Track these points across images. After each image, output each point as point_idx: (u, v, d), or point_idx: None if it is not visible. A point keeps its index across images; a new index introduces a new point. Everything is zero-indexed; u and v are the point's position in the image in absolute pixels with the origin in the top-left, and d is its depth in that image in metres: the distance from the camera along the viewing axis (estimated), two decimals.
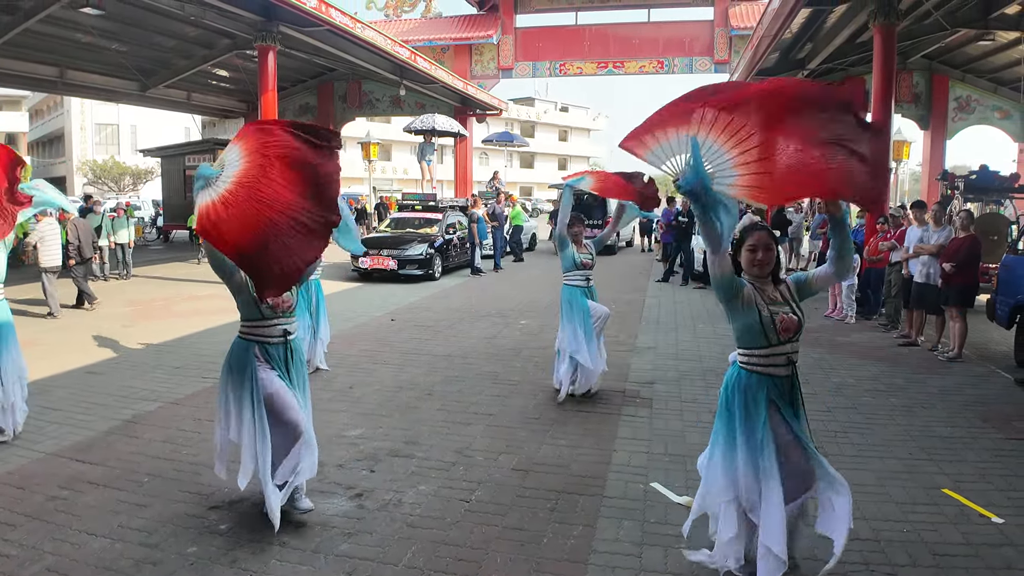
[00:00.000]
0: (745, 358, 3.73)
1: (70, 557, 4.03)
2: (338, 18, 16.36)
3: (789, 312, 3.65)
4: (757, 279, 3.71)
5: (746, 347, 3.72)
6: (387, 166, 60.18)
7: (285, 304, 4.41)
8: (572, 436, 6.14)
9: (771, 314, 3.61)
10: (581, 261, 7.19)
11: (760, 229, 3.75)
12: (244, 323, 4.44)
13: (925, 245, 9.55)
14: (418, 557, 4.08)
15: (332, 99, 29.13)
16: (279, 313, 4.41)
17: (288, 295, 4.40)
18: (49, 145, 60.37)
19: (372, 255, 16.31)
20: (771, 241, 3.72)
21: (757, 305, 3.63)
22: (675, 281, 16.63)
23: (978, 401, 7.27)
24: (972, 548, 4.21)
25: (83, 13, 15.49)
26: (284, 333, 4.45)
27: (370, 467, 5.39)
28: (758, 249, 3.69)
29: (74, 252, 12.45)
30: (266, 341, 4.41)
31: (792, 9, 14.36)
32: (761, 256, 3.68)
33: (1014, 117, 23.77)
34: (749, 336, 3.68)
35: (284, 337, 4.45)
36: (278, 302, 4.35)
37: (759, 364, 3.68)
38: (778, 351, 3.64)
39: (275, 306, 4.36)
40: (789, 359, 3.67)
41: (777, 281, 3.76)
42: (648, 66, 29.73)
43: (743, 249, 3.74)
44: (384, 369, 8.41)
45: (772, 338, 3.61)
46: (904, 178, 29.59)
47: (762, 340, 3.64)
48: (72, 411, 6.69)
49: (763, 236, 3.71)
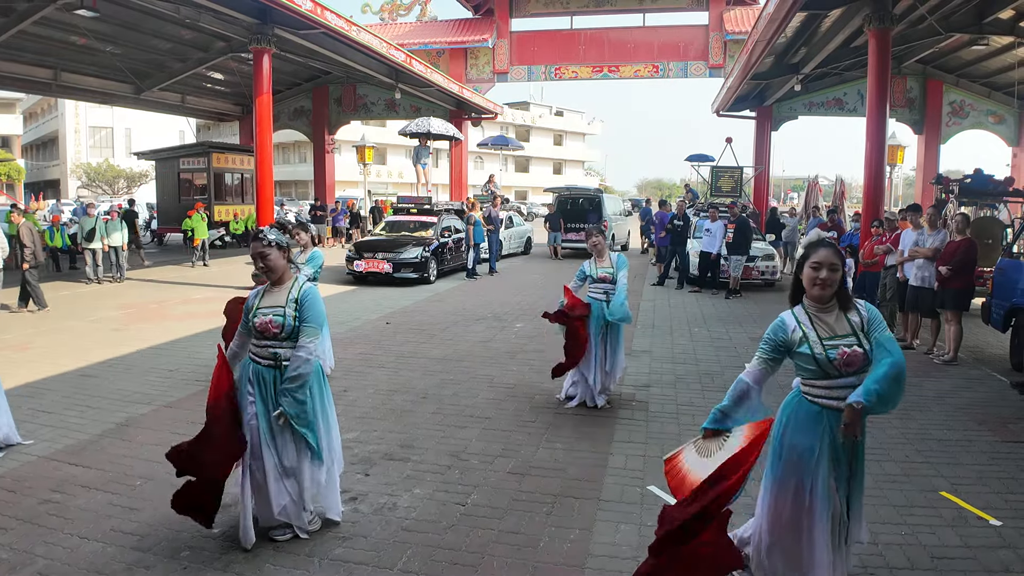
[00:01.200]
0: (807, 388, 3.46)
1: (62, 561, 3.99)
2: (333, 21, 16.35)
3: (854, 344, 3.31)
4: (817, 302, 3.41)
5: (806, 379, 3.45)
6: (382, 170, 60.20)
7: (272, 328, 4.12)
8: (568, 439, 6.12)
9: (825, 351, 3.30)
10: (599, 276, 7.05)
11: (827, 246, 3.41)
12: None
13: (921, 248, 9.55)
14: (413, 561, 4.04)
15: (327, 102, 29.15)
16: (268, 336, 4.15)
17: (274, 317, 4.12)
18: (43, 148, 60.24)
19: (367, 258, 16.28)
20: (837, 260, 3.37)
21: (810, 343, 3.33)
22: (671, 284, 16.62)
23: (974, 404, 7.27)
24: (970, 551, 4.19)
25: (77, 15, 15.44)
26: (274, 357, 4.17)
27: (365, 471, 5.36)
28: (822, 267, 3.34)
29: (29, 256, 12.28)
30: (256, 360, 4.22)
31: (787, 13, 14.39)
32: (825, 275, 3.34)
33: (1008, 122, 23.88)
34: (806, 370, 3.42)
35: (274, 361, 4.16)
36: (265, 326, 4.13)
37: (821, 396, 3.40)
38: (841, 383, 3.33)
39: (261, 329, 4.14)
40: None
41: (845, 306, 3.41)
42: (643, 70, 29.76)
43: (806, 265, 3.40)
44: (379, 372, 8.38)
45: (832, 372, 3.32)
46: (897, 183, 29.64)
47: (820, 374, 3.36)
48: (65, 414, 6.64)
49: (829, 254, 3.36)
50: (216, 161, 25.65)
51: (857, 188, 38.84)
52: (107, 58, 20.68)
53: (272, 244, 4.15)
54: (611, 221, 23.43)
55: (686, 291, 15.84)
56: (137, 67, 22.57)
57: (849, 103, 24.81)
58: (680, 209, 17.94)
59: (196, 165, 25.97)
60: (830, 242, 3.50)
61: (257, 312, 4.17)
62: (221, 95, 28.24)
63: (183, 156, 26.69)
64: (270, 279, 4.25)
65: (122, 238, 16.65)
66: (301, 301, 4.16)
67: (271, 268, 4.19)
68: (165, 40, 20.19)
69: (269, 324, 4.12)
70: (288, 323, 4.13)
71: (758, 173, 25.91)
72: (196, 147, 27.64)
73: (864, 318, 3.37)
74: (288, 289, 4.21)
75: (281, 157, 56.52)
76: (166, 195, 26.87)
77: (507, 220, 23.28)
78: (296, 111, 29.44)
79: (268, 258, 4.16)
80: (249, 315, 4.20)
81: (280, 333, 4.13)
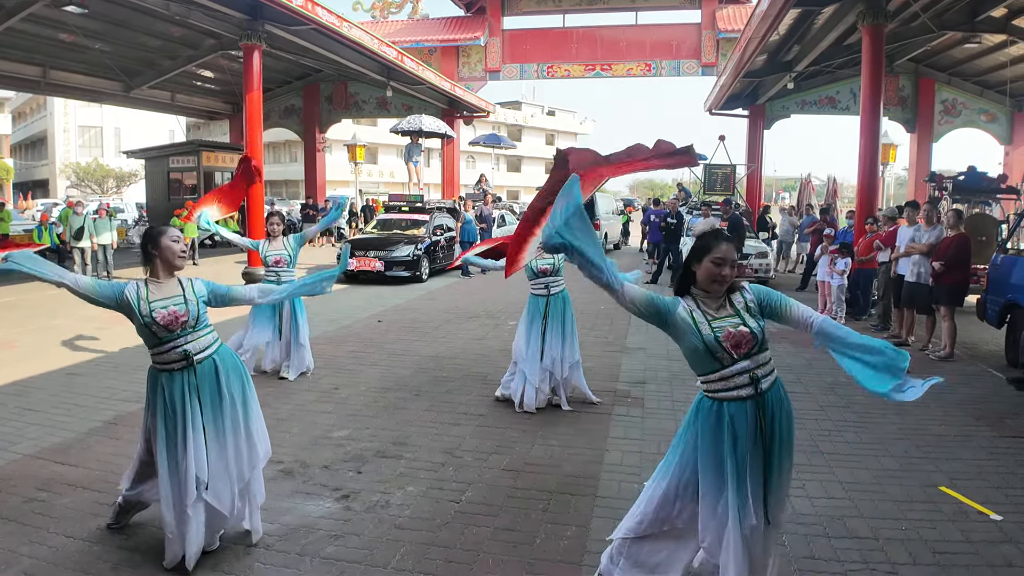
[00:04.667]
0: (705, 385, 3.24)
1: (47, 560, 3.90)
2: (324, 17, 16.24)
3: (738, 324, 3.13)
4: (706, 294, 3.21)
5: (702, 375, 3.22)
6: (373, 169, 59.99)
7: (180, 320, 3.79)
8: (564, 436, 6.05)
9: (713, 331, 3.11)
10: (539, 268, 6.77)
11: (728, 240, 3.20)
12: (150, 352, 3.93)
13: (916, 244, 9.53)
14: (407, 559, 3.96)
15: (318, 100, 29.00)
16: (176, 332, 3.79)
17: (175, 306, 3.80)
18: (32, 147, 59.90)
19: (359, 256, 16.18)
20: (736, 256, 3.20)
21: (697, 324, 3.13)
22: (664, 282, 16.56)
23: (971, 400, 7.24)
24: (972, 546, 4.14)
25: (66, 12, 15.32)
26: (185, 356, 3.80)
27: (357, 468, 5.27)
28: (725, 264, 3.14)
29: None
30: (166, 369, 3.83)
31: (780, 10, 14.37)
32: (727, 272, 3.14)
33: (1000, 120, 23.96)
34: (698, 362, 3.21)
35: (186, 360, 3.81)
36: (169, 320, 3.76)
37: (720, 389, 3.18)
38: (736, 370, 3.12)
39: (167, 325, 3.76)
40: (753, 377, 3.12)
41: (731, 289, 3.23)
42: (636, 69, 29.76)
43: (706, 260, 3.15)
44: (371, 370, 8.29)
45: (723, 357, 3.11)
46: (889, 182, 29.67)
47: (711, 363, 3.15)
48: (52, 412, 6.54)
49: (731, 249, 3.17)
50: (206, 160, 25.49)
51: (849, 188, 38.91)
52: (96, 55, 20.53)
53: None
54: (603, 220, 23.39)
55: None
56: (127, 65, 22.41)
57: (842, 101, 24.83)
58: (673, 207, 17.91)
59: (186, 164, 25.78)
60: (728, 235, 3.28)
61: (153, 308, 3.76)
62: (211, 93, 28.06)
63: (173, 155, 26.50)
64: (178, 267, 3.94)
65: (111, 237, 16.51)
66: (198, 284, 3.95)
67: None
68: (155, 37, 20.03)
69: (176, 315, 3.79)
70: (192, 309, 3.83)
71: (751, 172, 25.92)
72: (186, 146, 27.49)
73: (751, 297, 3.20)
74: (178, 280, 3.93)
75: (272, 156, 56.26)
76: (156, 194, 26.65)
77: (499, 219, 23.20)
78: (287, 109, 29.30)
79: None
80: (138, 314, 3.76)
81: (188, 321, 3.82)
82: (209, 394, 3.88)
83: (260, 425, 4.15)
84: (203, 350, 3.89)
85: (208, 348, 3.92)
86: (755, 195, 26.31)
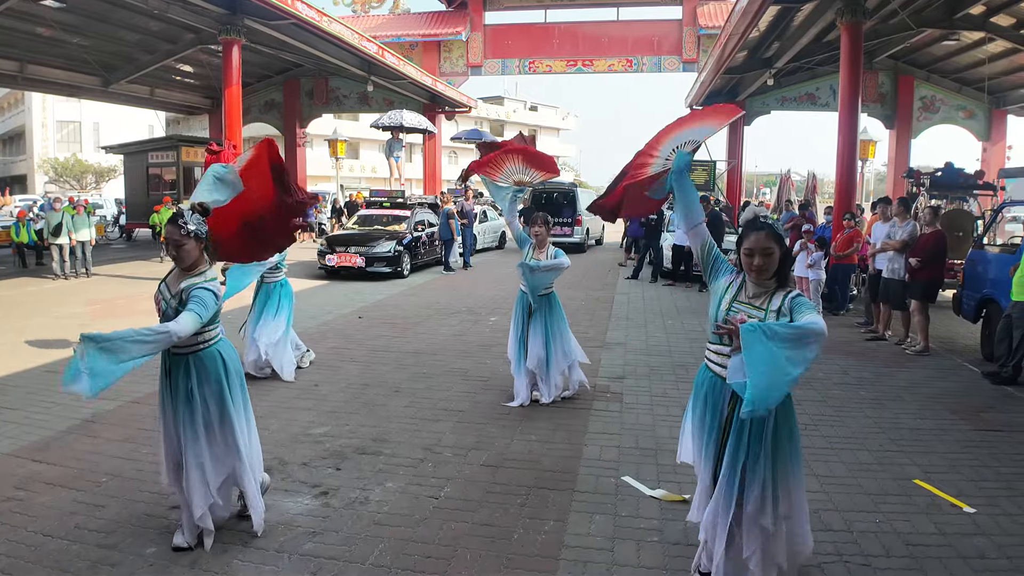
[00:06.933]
0: (707, 349, 3.48)
1: (25, 559, 3.88)
2: (304, 11, 16.18)
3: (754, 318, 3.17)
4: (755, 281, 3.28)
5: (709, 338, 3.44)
6: (355, 164, 59.69)
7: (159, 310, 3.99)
8: (543, 431, 6.07)
9: (728, 309, 3.24)
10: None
11: (760, 229, 3.24)
12: None
13: (891, 241, 9.62)
14: (385, 555, 3.97)
15: (299, 95, 28.89)
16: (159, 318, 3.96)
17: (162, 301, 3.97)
18: (9, 143, 59.13)
19: (339, 252, 16.12)
20: (772, 244, 3.20)
21: (723, 296, 3.31)
22: (645, 278, 16.63)
23: (946, 394, 7.33)
24: (945, 538, 4.20)
25: (43, 6, 15.16)
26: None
27: (336, 465, 5.27)
28: (755, 254, 3.21)
29: None
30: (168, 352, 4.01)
31: (760, 7, 14.45)
32: (758, 262, 3.20)
33: (978, 116, 24.20)
34: (709, 325, 3.39)
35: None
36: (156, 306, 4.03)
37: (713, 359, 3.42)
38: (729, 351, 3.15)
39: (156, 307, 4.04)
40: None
41: (783, 284, 3.27)
42: (617, 65, 29.83)
43: (742, 250, 3.29)
44: (351, 366, 8.28)
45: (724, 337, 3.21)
46: (869, 177, 29.93)
47: (714, 335, 3.34)
48: (30, 410, 6.49)
49: (760, 238, 3.21)
50: (186, 155, 25.25)
51: (829, 183, 39.18)
52: (74, 50, 20.33)
53: (190, 235, 3.89)
54: (585, 216, 23.44)
55: (660, 284, 15.86)
56: (105, 59, 22.20)
57: (821, 98, 25.00)
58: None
59: (165, 159, 25.50)
60: (764, 223, 3.31)
61: (160, 289, 4.02)
62: (191, 88, 27.84)
63: (152, 150, 26.17)
64: (180, 267, 3.97)
65: (90, 233, 16.37)
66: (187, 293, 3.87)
67: (182, 258, 3.94)
68: (133, 31, 19.85)
69: (157, 305, 4.01)
70: (169, 311, 3.89)
71: (731, 168, 26.03)
72: (165, 141, 27.14)
73: (787, 306, 3.18)
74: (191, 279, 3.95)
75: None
76: (135, 190, 26.36)
77: (481, 215, 23.20)
78: (267, 104, 29.14)
79: (182, 248, 3.91)
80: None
81: (162, 319, 3.90)
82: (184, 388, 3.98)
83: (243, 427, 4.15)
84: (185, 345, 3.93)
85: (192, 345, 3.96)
86: (735, 191, 26.42)
